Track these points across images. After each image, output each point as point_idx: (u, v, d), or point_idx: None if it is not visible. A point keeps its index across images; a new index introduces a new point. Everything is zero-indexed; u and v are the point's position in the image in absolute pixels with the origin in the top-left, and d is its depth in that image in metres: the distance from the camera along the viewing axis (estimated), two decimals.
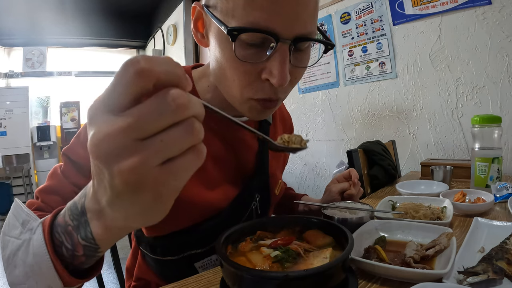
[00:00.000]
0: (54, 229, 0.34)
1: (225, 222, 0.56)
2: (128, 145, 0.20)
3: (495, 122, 0.89)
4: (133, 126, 0.20)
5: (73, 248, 0.32)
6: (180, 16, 3.53)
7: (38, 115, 4.49)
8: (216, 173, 0.58)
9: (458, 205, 0.72)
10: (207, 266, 0.58)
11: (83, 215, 0.29)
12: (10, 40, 4.24)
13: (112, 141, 0.20)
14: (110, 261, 0.82)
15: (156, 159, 0.20)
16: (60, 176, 0.49)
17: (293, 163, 2.28)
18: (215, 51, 0.47)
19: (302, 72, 0.50)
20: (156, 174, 0.21)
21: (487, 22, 1.30)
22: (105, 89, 0.21)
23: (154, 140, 0.20)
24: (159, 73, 0.20)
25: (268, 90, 0.46)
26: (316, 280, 0.34)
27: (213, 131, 0.58)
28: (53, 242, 0.34)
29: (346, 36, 1.86)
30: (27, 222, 0.38)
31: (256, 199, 0.63)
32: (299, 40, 0.43)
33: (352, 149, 1.16)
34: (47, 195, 0.48)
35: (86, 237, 0.30)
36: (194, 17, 0.51)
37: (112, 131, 0.20)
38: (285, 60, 0.42)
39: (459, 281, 0.40)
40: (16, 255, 0.37)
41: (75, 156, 0.49)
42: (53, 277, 0.33)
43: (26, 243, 0.36)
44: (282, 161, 0.76)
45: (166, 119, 0.20)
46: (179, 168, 0.21)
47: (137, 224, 0.26)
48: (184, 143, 0.21)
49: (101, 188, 0.24)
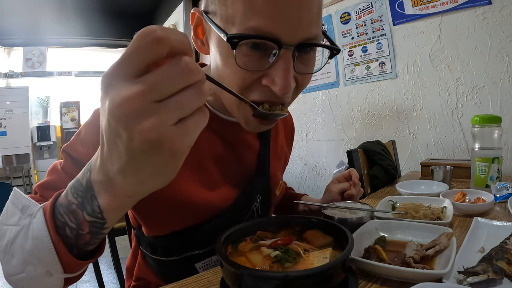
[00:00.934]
0: (56, 210, 0.34)
1: (226, 223, 0.56)
2: (147, 107, 0.22)
3: (495, 122, 0.89)
4: (151, 90, 0.22)
5: (78, 227, 0.32)
6: (180, 16, 3.53)
7: (38, 115, 4.49)
8: (217, 174, 0.58)
9: (458, 205, 0.72)
10: (208, 266, 0.58)
11: (89, 190, 0.30)
12: (10, 40, 4.24)
13: (133, 104, 0.22)
14: (110, 261, 0.82)
15: (173, 118, 0.23)
16: (60, 171, 0.48)
17: (293, 163, 2.28)
18: (215, 58, 0.46)
19: (308, 78, 0.48)
20: (172, 132, 0.23)
21: (487, 22, 1.30)
22: (120, 57, 0.23)
23: (170, 101, 0.22)
24: (174, 41, 0.22)
25: (268, 94, 0.44)
26: (316, 280, 0.34)
27: (215, 132, 0.57)
28: (55, 223, 0.33)
29: (346, 36, 1.86)
30: (26, 208, 0.37)
31: (257, 200, 0.63)
32: (303, 45, 0.41)
33: (352, 149, 1.16)
34: (46, 190, 0.47)
35: (93, 212, 0.30)
36: (194, 23, 0.49)
37: (132, 95, 0.22)
38: (288, 68, 0.41)
39: (459, 281, 0.40)
40: (14, 242, 0.36)
41: (75, 153, 0.49)
42: (53, 261, 0.33)
43: (25, 228, 0.35)
44: (283, 162, 0.76)
45: (181, 83, 0.23)
46: (191, 126, 0.24)
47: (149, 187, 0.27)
48: (195, 103, 0.24)
49: (114, 154, 0.25)
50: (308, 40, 0.42)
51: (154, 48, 0.22)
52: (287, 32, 0.39)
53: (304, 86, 0.48)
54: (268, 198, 0.66)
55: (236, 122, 0.59)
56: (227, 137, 0.59)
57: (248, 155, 0.63)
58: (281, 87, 0.41)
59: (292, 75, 0.42)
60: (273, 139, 0.69)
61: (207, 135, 0.56)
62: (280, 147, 0.73)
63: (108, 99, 0.23)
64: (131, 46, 0.22)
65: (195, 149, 0.56)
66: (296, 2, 0.39)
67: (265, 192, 0.64)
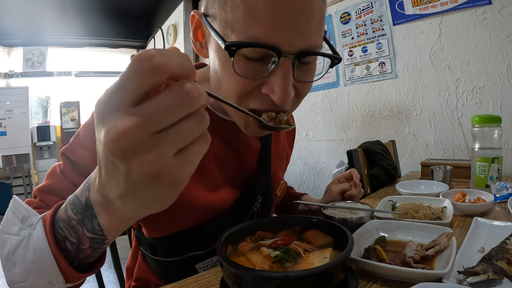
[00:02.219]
0: (56, 224, 0.34)
1: (226, 224, 0.55)
2: (144, 140, 0.21)
3: (495, 122, 0.89)
4: (149, 121, 0.20)
5: (78, 242, 0.32)
6: (180, 16, 3.53)
7: (38, 115, 4.49)
8: (218, 175, 0.58)
9: (458, 205, 0.72)
10: (208, 267, 0.58)
11: (88, 208, 0.29)
12: (10, 40, 4.24)
13: (130, 138, 0.20)
14: (110, 261, 0.82)
15: (172, 150, 0.21)
16: (59, 175, 0.48)
17: (293, 163, 2.28)
18: (214, 63, 0.46)
19: (308, 86, 0.47)
20: (172, 163, 0.22)
21: (487, 22, 1.29)
22: (116, 84, 0.21)
23: (169, 133, 0.21)
24: (173, 66, 0.21)
25: (268, 102, 0.43)
26: (316, 280, 0.34)
27: (215, 132, 0.57)
28: (55, 237, 0.33)
29: (346, 36, 1.86)
30: (26, 218, 0.37)
31: (258, 200, 0.63)
32: (303, 54, 0.41)
33: (352, 149, 1.16)
34: (46, 194, 0.47)
35: (93, 229, 0.30)
36: (193, 26, 0.48)
37: (129, 128, 0.20)
38: (287, 77, 0.40)
39: (459, 281, 0.40)
40: (16, 252, 0.36)
41: (74, 156, 0.49)
42: (54, 273, 0.33)
43: (26, 239, 0.35)
44: (284, 161, 0.76)
45: (181, 112, 0.21)
46: (192, 155, 0.23)
47: (149, 212, 0.26)
48: (197, 131, 0.22)
49: (111, 182, 0.24)
50: (308, 49, 0.41)
51: (152, 76, 0.20)
52: (286, 41, 0.39)
53: (304, 94, 0.48)
54: (269, 199, 0.66)
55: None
56: (228, 138, 0.59)
57: (248, 155, 0.62)
58: (280, 95, 0.40)
59: (291, 84, 0.41)
60: (274, 139, 0.69)
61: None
62: (282, 147, 0.73)
63: (103, 130, 0.21)
64: (127, 72, 0.21)
65: None
66: (297, 10, 0.38)
67: (266, 192, 0.64)
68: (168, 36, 3.90)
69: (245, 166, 0.62)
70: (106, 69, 4.87)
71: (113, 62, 4.95)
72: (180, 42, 3.59)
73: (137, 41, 4.87)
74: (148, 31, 4.76)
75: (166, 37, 4.00)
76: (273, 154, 0.67)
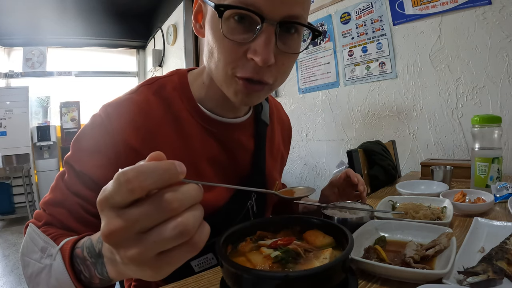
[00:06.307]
0: (73, 259, 0.40)
1: (221, 221, 0.56)
2: (130, 238, 0.24)
3: (495, 122, 0.89)
4: (133, 224, 0.23)
5: (90, 278, 0.39)
6: (180, 16, 3.53)
7: (38, 115, 4.48)
8: (212, 175, 0.59)
9: (458, 205, 0.72)
10: (204, 264, 0.59)
11: (100, 256, 0.35)
12: (10, 40, 4.24)
13: (118, 236, 0.24)
14: None
15: (152, 252, 0.24)
16: (63, 188, 0.50)
17: (293, 163, 2.28)
18: (207, 36, 0.49)
19: (291, 60, 0.50)
20: (153, 261, 0.24)
21: (487, 22, 1.29)
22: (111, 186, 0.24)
23: (148, 237, 0.24)
24: (150, 185, 0.23)
25: (251, 68, 0.46)
26: (316, 280, 0.34)
27: (209, 132, 0.58)
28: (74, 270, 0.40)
29: (346, 36, 1.86)
30: (45, 249, 0.44)
31: (253, 198, 0.63)
32: (286, 22, 0.44)
33: (352, 149, 1.16)
34: (53, 207, 0.50)
35: (102, 274, 0.36)
36: (195, 9, 0.53)
37: (117, 228, 0.23)
38: (269, 40, 0.43)
39: (459, 281, 0.40)
40: (39, 276, 0.44)
41: (77, 164, 0.50)
42: None
43: (48, 268, 0.43)
44: (279, 162, 0.76)
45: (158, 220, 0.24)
46: (173, 258, 0.25)
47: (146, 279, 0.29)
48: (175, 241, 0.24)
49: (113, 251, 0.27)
50: (291, 18, 0.44)
51: (132, 195, 0.23)
52: (271, 7, 0.42)
53: (285, 67, 0.49)
54: (263, 197, 0.66)
55: (229, 123, 0.60)
56: (221, 138, 0.60)
57: (242, 155, 0.63)
58: (262, 56, 0.43)
59: (272, 48, 0.44)
60: (269, 139, 0.69)
61: (201, 136, 0.57)
62: (277, 147, 0.73)
63: (103, 222, 0.24)
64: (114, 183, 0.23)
65: (189, 151, 0.56)
66: None
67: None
68: (168, 36, 3.90)
69: (240, 165, 0.63)
70: (106, 69, 4.86)
71: (113, 62, 4.94)
72: (180, 42, 3.59)
73: (137, 41, 4.87)
74: (148, 31, 4.76)
75: (166, 37, 3.99)
76: (267, 154, 0.67)
